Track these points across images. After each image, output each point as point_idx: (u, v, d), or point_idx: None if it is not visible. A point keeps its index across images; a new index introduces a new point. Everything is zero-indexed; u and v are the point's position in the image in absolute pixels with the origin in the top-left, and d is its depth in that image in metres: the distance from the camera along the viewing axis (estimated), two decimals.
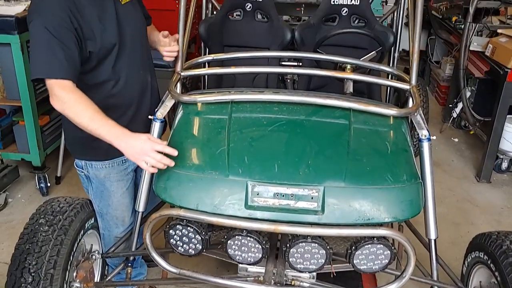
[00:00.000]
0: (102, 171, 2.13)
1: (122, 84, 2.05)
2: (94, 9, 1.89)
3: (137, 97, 2.13)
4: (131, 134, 1.77)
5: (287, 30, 3.08)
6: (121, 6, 2.02)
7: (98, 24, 1.90)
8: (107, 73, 1.99)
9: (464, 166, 4.19)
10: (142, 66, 2.15)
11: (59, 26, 1.78)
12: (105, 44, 1.93)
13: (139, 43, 2.12)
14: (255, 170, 1.79)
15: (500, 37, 3.88)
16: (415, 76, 2.13)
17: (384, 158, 1.88)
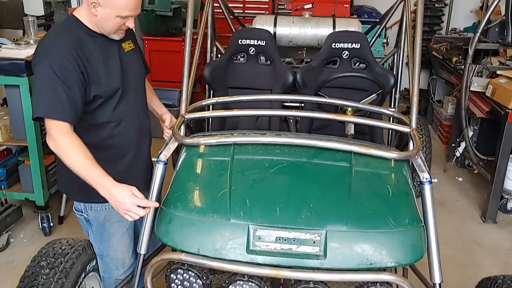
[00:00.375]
0: (102, 213, 2.15)
1: (123, 126, 2.11)
2: (100, 55, 1.99)
3: (136, 140, 2.19)
4: (117, 186, 1.79)
5: (289, 72, 3.14)
6: (124, 53, 2.13)
7: (104, 69, 1.99)
8: (108, 115, 2.06)
9: (469, 206, 4.17)
10: (142, 110, 2.23)
11: (65, 69, 1.86)
12: (109, 88, 2.01)
13: (139, 88, 2.21)
14: (257, 213, 1.79)
15: (500, 78, 3.93)
16: (415, 119, 2.15)
17: (386, 202, 1.88)
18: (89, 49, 1.96)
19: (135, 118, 2.17)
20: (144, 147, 2.27)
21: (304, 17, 3.68)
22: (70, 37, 1.94)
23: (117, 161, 2.14)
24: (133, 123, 2.16)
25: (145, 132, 2.27)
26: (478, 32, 4.23)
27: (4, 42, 3.53)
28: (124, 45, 2.15)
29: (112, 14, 1.92)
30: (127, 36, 2.16)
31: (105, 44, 2.03)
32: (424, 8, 6.34)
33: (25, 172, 3.47)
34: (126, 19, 1.96)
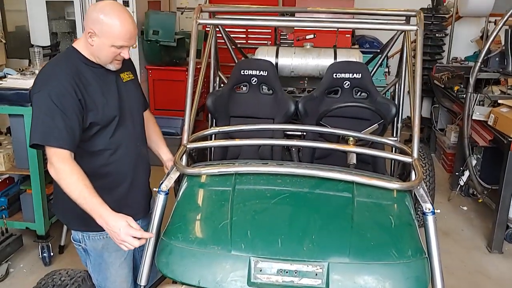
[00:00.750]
0: (100, 242, 2.15)
1: (119, 154, 2.13)
2: (97, 84, 2.04)
3: (132, 168, 2.20)
4: (113, 216, 1.82)
5: (291, 102, 3.16)
6: (122, 83, 2.18)
7: (101, 97, 2.04)
8: (105, 142, 2.08)
9: (475, 236, 4.12)
10: (139, 138, 2.25)
11: (63, 97, 1.90)
12: (106, 116, 2.05)
13: (137, 118, 2.24)
14: (258, 245, 1.77)
15: (502, 107, 3.94)
16: (417, 149, 2.15)
17: (388, 233, 1.86)
18: (87, 78, 2.01)
19: (132, 146, 2.19)
20: (141, 176, 2.28)
21: (306, 48, 3.72)
22: (68, 66, 1.99)
23: (114, 188, 2.15)
24: (130, 151, 2.18)
25: (142, 161, 2.28)
26: (478, 62, 4.26)
27: (10, 73, 3.57)
28: (123, 75, 2.19)
29: (107, 43, 1.96)
30: (126, 67, 2.21)
31: (103, 74, 2.07)
32: (425, 37, 6.43)
33: (26, 201, 3.47)
34: (121, 49, 1.99)
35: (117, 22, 1.93)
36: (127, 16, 1.97)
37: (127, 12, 1.99)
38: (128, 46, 2.01)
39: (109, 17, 1.93)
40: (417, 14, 2.54)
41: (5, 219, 3.46)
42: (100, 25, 1.93)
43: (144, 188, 2.32)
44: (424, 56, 6.57)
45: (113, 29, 1.93)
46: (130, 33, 1.97)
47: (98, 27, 1.94)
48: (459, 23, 6.63)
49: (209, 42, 3.12)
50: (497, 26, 4.23)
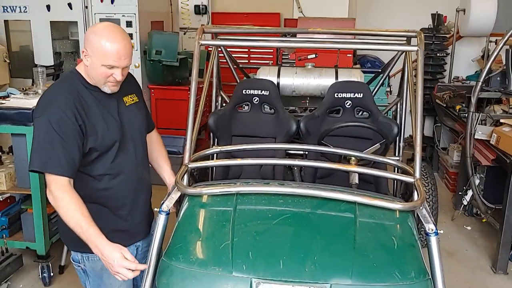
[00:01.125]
0: (99, 263, 2.10)
1: (120, 179, 2.12)
2: (98, 109, 2.03)
3: (133, 192, 2.19)
4: (109, 247, 1.82)
5: (293, 121, 3.16)
6: (125, 107, 2.16)
7: (102, 122, 2.03)
8: (105, 168, 2.07)
9: (479, 256, 4.07)
10: (140, 163, 2.22)
11: (63, 123, 1.90)
12: (106, 141, 2.04)
13: (139, 142, 2.21)
14: (260, 266, 1.76)
15: (504, 127, 3.94)
16: (419, 168, 2.14)
17: (391, 254, 1.84)
18: (88, 103, 2.01)
19: (133, 171, 2.17)
20: (142, 198, 2.26)
21: (307, 67, 3.75)
22: (69, 91, 1.99)
23: (113, 212, 2.14)
24: (131, 176, 2.16)
25: (143, 184, 2.26)
26: (480, 81, 4.28)
27: (13, 92, 3.60)
28: (126, 99, 2.18)
29: (98, 63, 1.95)
30: (130, 89, 2.20)
31: (104, 98, 2.06)
32: (426, 57, 6.47)
33: (27, 221, 3.45)
34: (112, 69, 1.96)
35: (106, 41, 1.92)
36: (118, 36, 1.95)
37: (120, 33, 1.97)
38: (119, 67, 1.97)
39: (98, 36, 1.93)
40: (418, 35, 2.56)
41: (6, 238, 3.44)
42: (91, 44, 1.94)
43: (144, 210, 2.29)
44: (426, 76, 6.61)
45: (101, 48, 1.92)
46: (119, 52, 1.93)
47: (89, 47, 1.95)
48: (460, 42, 6.68)
49: (211, 62, 3.14)
50: (497, 46, 4.26)
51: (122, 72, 1.99)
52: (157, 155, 2.40)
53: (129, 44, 1.99)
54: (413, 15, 6.53)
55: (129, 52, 1.98)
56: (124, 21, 5.21)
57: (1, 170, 3.44)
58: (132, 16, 5.19)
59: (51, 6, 5.27)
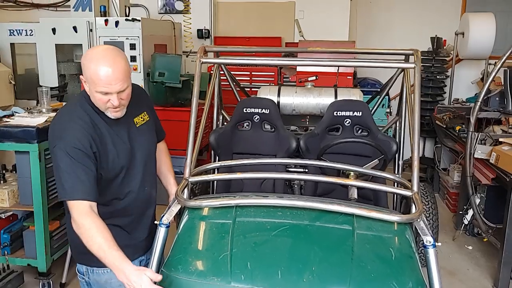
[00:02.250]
0: (104, 276, 2.14)
1: (128, 201, 2.17)
2: (109, 135, 2.04)
3: (140, 209, 2.22)
4: (133, 271, 1.76)
5: (293, 138, 3.20)
6: (136, 129, 2.17)
7: (113, 150, 2.05)
8: (113, 192, 2.11)
9: (480, 276, 4.05)
10: (149, 182, 2.26)
11: (79, 151, 1.91)
12: (115, 168, 2.07)
13: (149, 161, 2.24)
14: (258, 277, 1.78)
15: (503, 146, 3.97)
16: (417, 183, 2.18)
17: (389, 265, 1.86)
18: (100, 129, 2.01)
19: (141, 192, 2.20)
20: (147, 215, 2.29)
21: (307, 87, 3.81)
22: (82, 118, 1.99)
23: (119, 229, 2.16)
24: (138, 196, 2.20)
25: (150, 202, 2.30)
26: (478, 101, 4.33)
27: (17, 111, 3.66)
28: (137, 120, 2.18)
29: (92, 89, 1.92)
30: (141, 107, 2.22)
31: (114, 123, 2.05)
32: (426, 79, 6.55)
33: (29, 238, 3.47)
34: (107, 96, 1.92)
35: (95, 67, 1.86)
36: (108, 61, 1.87)
37: (111, 57, 1.89)
38: (112, 93, 1.91)
39: (89, 62, 1.89)
40: (415, 53, 2.62)
41: (7, 255, 3.46)
42: (84, 71, 1.92)
43: (149, 225, 2.29)
44: (426, 98, 6.69)
45: (92, 74, 1.88)
46: (109, 78, 1.86)
47: (84, 73, 1.93)
48: (460, 65, 6.77)
49: (213, 81, 3.20)
50: (495, 67, 4.33)
51: (119, 96, 1.94)
52: (162, 164, 2.43)
53: (122, 67, 1.90)
54: (412, 38, 6.63)
55: (121, 76, 1.89)
56: (128, 44, 5.31)
57: (4, 187, 3.48)
58: (136, 39, 5.29)
59: (57, 29, 5.38)
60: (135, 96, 2.13)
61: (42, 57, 5.57)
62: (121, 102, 1.97)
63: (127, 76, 1.94)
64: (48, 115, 3.53)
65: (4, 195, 3.41)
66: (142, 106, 2.25)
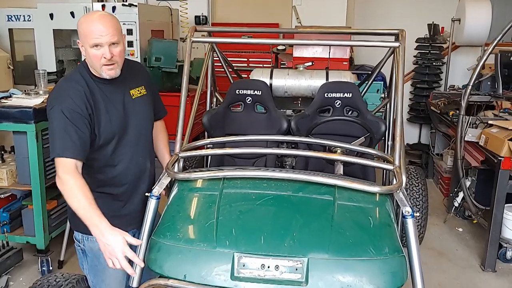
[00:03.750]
0: (97, 244, 2.20)
1: (121, 169, 2.26)
2: (104, 102, 2.16)
3: (133, 181, 2.31)
4: (110, 231, 1.88)
5: (284, 120, 3.27)
6: (131, 100, 2.27)
7: (105, 115, 2.16)
8: (106, 158, 2.21)
9: (469, 256, 4.14)
10: (142, 153, 2.35)
11: (74, 112, 2.03)
12: (107, 134, 2.17)
13: (143, 133, 2.34)
14: (242, 242, 1.86)
15: (492, 128, 4.04)
16: (398, 157, 2.25)
17: (367, 232, 1.94)
18: (95, 95, 2.13)
19: (134, 162, 2.30)
20: (142, 188, 2.36)
21: (299, 69, 3.87)
22: (79, 82, 2.13)
23: (113, 198, 2.26)
24: (131, 167, 2.29)
25: (144, 174, 2.38)
26: (469, 85, 4.39)
27: (15, 93, 3.74)
28: (133, 92, 2.29)
29: (87, 47, 2.06)
30: (138, 81, 2.33)
31: (110, 91, 2.18)
32: (423, 66, 6.60)
33: (27, 216, 3.57)
34: (100, 50, 2.05)
35: (85, 23, 2.05)
36: (96, 16, 2.05)
37: (99, 13, 2.08)
38: (103, 44, 2.04)
39: (80, 23, 2.07)
40: (400, 32, 2.69)
41: (7, 233, 3.55)
42: (79, 33, 2.08)
43: (143, 200, 2.31)
44: (422, 84, 6.75)
45: (84, 31, 2.04)
46: (99, 30, 2.01)
47: (79, 36, 2.09)
48: (456, 52, 6.81)
49: (205, 61, 3.27)
50: (486, 52, 4.39)
51: (111, 50, 2.06)
52: (159, 140, 2.54)
53: (110, 21, 2.06)
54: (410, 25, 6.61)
55: (110, 28, 2.04)
56: (125, 29, 5.37)
57: (3, 167, 3.57)
58: (132, 24, 5.36)
59: (54, 14, 5.45)
60: (133, 70, 2.31)
61: (40, 42, 5.64)
62: (114, 58, 2.09)
63: (117, 31, 2.08)
64: (45, 97, 3.60)
65: (2, 174, 3.50)
66: (140, 80, 2.36)
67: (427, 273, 3.71)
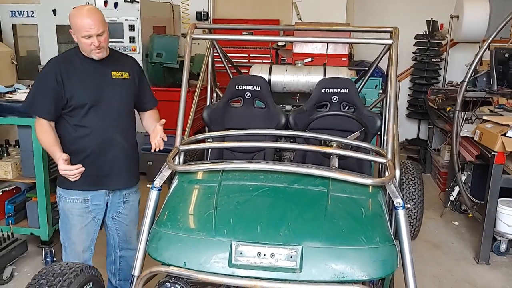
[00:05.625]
0: (68, 205, 2.69)
1: (88, 132, 2.61)
2: (81, 75, 2.58)
3: (99, 146, 2.65)
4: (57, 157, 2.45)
5: (282, 115, 3.35)
6: (111, 79, 2.64)
7: (78, 84, 2.56)
8: (77, 120, 2.60)
9: (464, 249, 4.23)
10: (112, 125, 2.67)
11: (47, 78, 2.53)
12: (78, 100, 2.56)
13: (116, 109, 2.67)
14: (239, 231, 1.95)
15: (487, 124, 4.11)
16: (391, 150, 2.33)
17: (359, 222, 2.03)
18: (74, 67, 2.56)
19: (101, 130, 2.63)
20: (111, 155, 2.69)
21: (297, 65, 3.95)
22: (61, 57, 2.70)
23: (82, 159, 2.60)
24: (97, 133, 2.63)
25: (113, 144, 2.69)
26: (465, 81, 4.48)
27: (19, 87, 3.82)
28: (114, 73, 2.66)
29: (79, 37, 2.49)
30: (123, 67, 2.70)
31: (93, 67, 2.59)
32: (422, 62, 6.67)
33: (32, 209, 3.66)
34: (89, 39, 2.46)
35: (77, 19, 2.45)
36: (84, 12, 2.45)
37: (87, 9, 2.48)
38: (92, 35, 2.45)
39: (71, 15, 2.49)
40: (393, 30, 2.77)
41: (11, 225, 3.65)
42: (71, 25, 2.50)
43: (116, 166, 2.72)
44: (421, 80, 6.82)
45: (75, 25, 2.47)
46: (89, 24, 2.43)
47: (72, 27, 2.51)
48: (455, 48, 6.88)
49: (206, 58, 3.35)
50: (481, 48, 4.46)
51: (99, 39, 2.48)
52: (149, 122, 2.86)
53: (96, 16, 2.47)
54: (409, 21, 6.71)
55: (97, 22, 2.46)
56: (127, 25, 5.46)
57: (8, 160, 3.65)
58: (134, 20, 5.43)
59: (57, 10, 5.52)
60: (122, 58, 2.78)
61: (43, 38, 5.72)
62: (101, 44, 2.52)
63: (102, 23, 2.51)
64: None
65: (8, 167, 3.59)
66: (126, 67, 2.73)
67: (422, 265, 3.81)
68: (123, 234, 2.91)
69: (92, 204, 2.71)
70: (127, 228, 2.91)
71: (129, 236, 2.93)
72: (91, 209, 2.72)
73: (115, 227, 2.87)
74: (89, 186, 2.66)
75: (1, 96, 3.58)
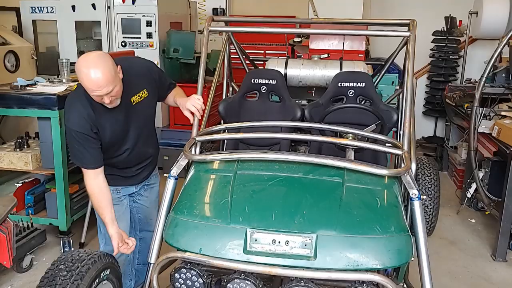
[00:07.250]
0: None
1: (123, 158, 2.64)
2: (107, 115, 2.43)
3: (136, 163, 2.73)
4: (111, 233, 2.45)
5: (298, 108, 3.36)
6: (132, 107, 2.53)
7: (109, 128, 2.47)
8: (111, 153, 2.57)
9: (480, 245, 4.19)
10: (143, 144, 2.70)
11: (83, 135, 2.39)
12: (112, 141, 2.52)
13: (143, 131, 2.67)
14: (254, 218, 1.97)
15: (505, 119, 4.07)
16: (407, 142, 2.33)
17: (374, 212, 2.03)
18: (99, 112, 2.40)
19: (135, 153, 2.66)
20: (142, 164, 2.78)
21: (313, 59, 3.95)
22: (84, 104, 2.39)
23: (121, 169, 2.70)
24: (132, 156, 2.66)
25: (144, 157, 2.76)
26: (484, 77, 4.43)
27: (39, 81, 3.89)
28: (134, 98, 2.53)
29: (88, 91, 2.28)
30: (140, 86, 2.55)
31: (112, 108, 2.40)
32: (439, 59, 6.62)
33: (51, 199, 3.73)
34: (100, 97, 2.26)
35: (84, 78, 2.21)
36: (92, 71, 2.18)
37: (95, 66, 2.18)
38: (102, 95, 2.25)
39: (78, 73, 2.23)
40: (411, 22, 2.76)
41: (31, 215, 3.72)
42: (79, 79, 2.26)
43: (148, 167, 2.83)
44: (438, 77, 6.76)
45: (83, 83, 2.24)
46: (97, 85, 2.19)
47: (79, 80, 2.28)
48: (473, 45, 6.79)
49: (222, 52, 3.37)
50: (500, 44, 4.41)
51: (110, 95, 2.27)
52: (176, 99, 2.81)
53: (106, 76, 2.20)
54: (427, 18, 6.65)
55: (106, 80, 2.21)
56: (144, 21, 5.51)
57: (28, 152, 3.73)
58: (152, 16, 5.49)
59: (76, 6, 5.61)
60: (135, 77, 2.52)
61: (62, 33, 5.81)
62: (112, 98, 2.32)
63: (112, 80, 2.24)
64: (68, 85, 3.75)
65: (28, 158, 3.66)
66: (141, 84, 2.57)
67: (438, 261, 3.79)
68: (144, 216, 2.97)
69: (122, 195, 2.79)
70: (147, 210, 2.96)
71: (150, 218, 2.98)
72: (123, 198, 2.79)
73: (136, 210, 2.93)
74: (119, 184, 2.73)
75: (22, 88, 3.64)
